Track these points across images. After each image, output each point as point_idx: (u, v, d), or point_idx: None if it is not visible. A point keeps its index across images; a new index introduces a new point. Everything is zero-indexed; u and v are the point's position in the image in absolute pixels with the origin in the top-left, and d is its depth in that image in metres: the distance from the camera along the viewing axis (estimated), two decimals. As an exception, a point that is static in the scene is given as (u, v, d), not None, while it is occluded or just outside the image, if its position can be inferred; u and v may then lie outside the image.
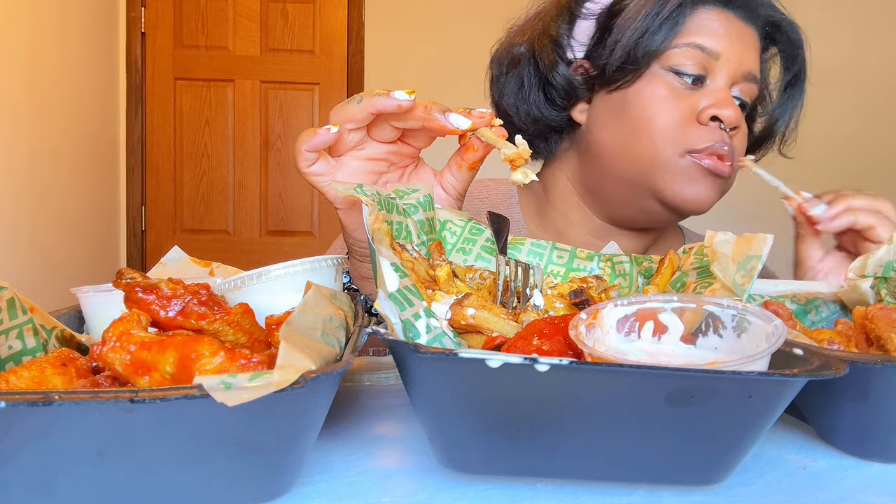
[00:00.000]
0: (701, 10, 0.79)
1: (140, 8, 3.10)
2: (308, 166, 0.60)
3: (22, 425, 0.30)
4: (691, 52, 0.77)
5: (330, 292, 0.44)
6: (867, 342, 0.50)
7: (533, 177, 0.55)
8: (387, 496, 0.37)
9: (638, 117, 0.78)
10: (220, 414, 0.30)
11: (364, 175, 0.63)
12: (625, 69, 0.79)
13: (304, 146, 0.59)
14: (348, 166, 0.62)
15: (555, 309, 0.52)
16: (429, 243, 0.60)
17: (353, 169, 0.62)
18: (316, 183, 0.62)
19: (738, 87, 0.80)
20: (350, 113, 0.58)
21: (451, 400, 0.36)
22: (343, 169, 0.62)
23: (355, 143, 0.61)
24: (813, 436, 0.47)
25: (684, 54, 0.77)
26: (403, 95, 0.55)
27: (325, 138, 0.58)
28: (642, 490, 0.38)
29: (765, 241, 0.50)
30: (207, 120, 3.18)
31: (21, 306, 0.48)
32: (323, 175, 0.61)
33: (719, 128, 0.76)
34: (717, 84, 0.78)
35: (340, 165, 0.62)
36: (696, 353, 0.42)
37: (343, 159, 0.62)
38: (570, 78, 0.83)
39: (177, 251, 0.71)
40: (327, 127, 0.58)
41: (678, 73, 0.78)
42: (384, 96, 0.56)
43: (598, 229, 0.89)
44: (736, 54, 0.78)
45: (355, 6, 3.14)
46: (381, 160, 0.63)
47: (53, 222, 2.57)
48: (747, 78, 0.80)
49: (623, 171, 0.81)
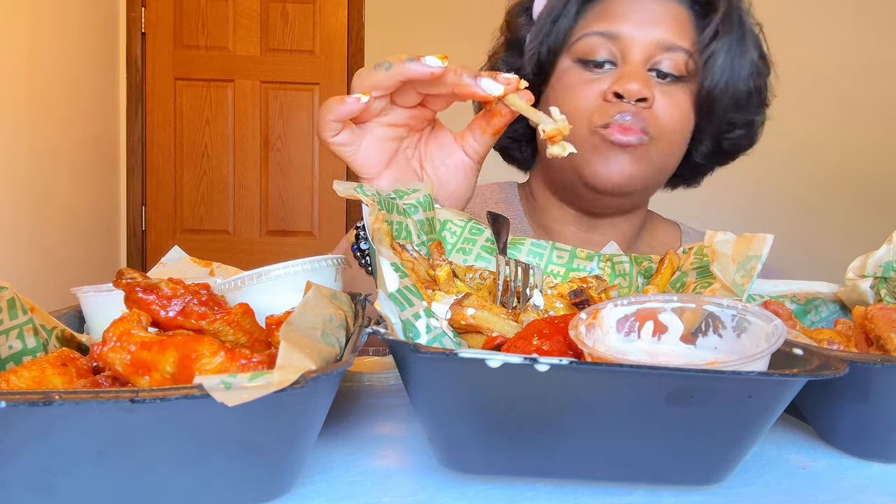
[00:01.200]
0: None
1: (140, 8, 3.09)
2: (333, 136, 0.58)
3: (22, 425, 0.30)
4: (594, 41, 0.81)
5: (330, 292, 0.44)
6: (867, 342, 0.50)
7: (571, 149, 0.55)
8: (387, 496, 0.37)
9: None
10: (220, 414, 0.30)
11: (388, 141, 0.61)
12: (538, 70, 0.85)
13: (331, 115, 0.56)
14: (372, 133, 0.61)
15: (555, 309, 0.52)
16: (429, 243, 0.60)
17: (377, 136, 0.61)
18: (341, 153, 0.60)
19: (657, 57, 0.81)
20: (378, 79, 0.55)
21: (451, 400, 0.36)
22: (367, 136, 0.60)
23: (380, 111, 0.59)
24: (813, 436, 0.47)
25: (588, 44, 0.81)
26: (436, 62, 0.54)
27: (355, 107, 0.55)
28: (642, 490, 0.38)
29: (765, 241, 0.50)
30: (207, 120, 3.18)
31: (21, 306, 0.48)
32: (348, 145, 0.59)
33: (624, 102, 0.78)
34: (629, 63, 0.81)
35: (364, 133, 0.60)
36: (696, 353, 0.42)
37: (368, 126, 0.60)
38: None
39: (177, 251, 0.71)
40: (356, 96, 0.55)
41: (585, 63, 0.82)
42: (416, 62, 0.54)
43: (578, 221, 0.93)
44: (642, 28, 0.80)
45: (355, 6, 3.14)
46: (402, 125, 0.62)
47: (53, 222, 2.57)
48: (667, 48, 0.80)
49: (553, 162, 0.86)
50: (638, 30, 0.80)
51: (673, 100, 0.82)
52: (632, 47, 0.80)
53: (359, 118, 0.60)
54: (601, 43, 0.81)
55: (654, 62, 0.81)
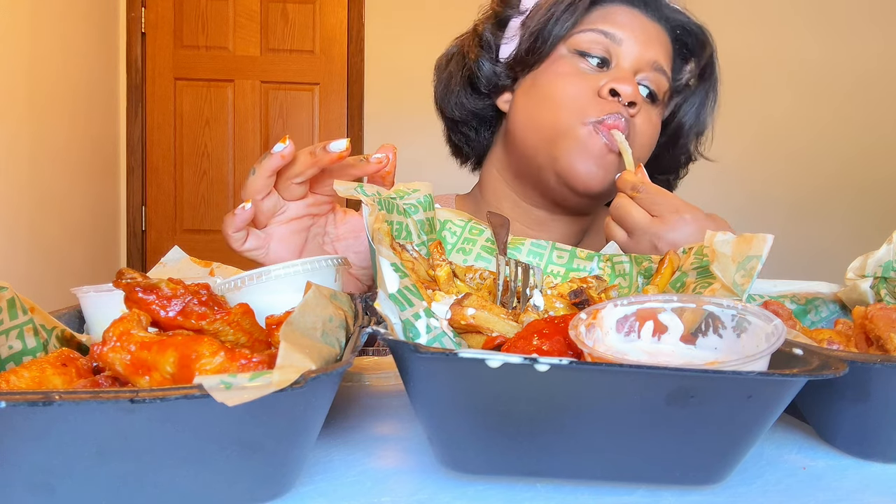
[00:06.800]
0: (607, 4, 0.85)
1: (140, 8, 3.10)
2: (241, 245, 0.64)
3: (22, 425, 0.30)
4: (595, 37, 0.83)
5: (330, 292, 0.44)
6: (867, 342, 0.50)
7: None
8: (387, 496, 0.37)
9: (544, 92, 0.84)
10: (220, 414, 0.30)
11: (293, 235, 0.66)
12: (534, 50, 0.85)
13: (229, 229, 0.63)
14: (276, 233, 0.66)
15: (555, 309, 0.52)
16: (429, 243, 0.60)
17: (281, 234, 0.66)
18: (254, 258, 0.65)
19: (644, 74, 0.84)
20: (254, 185, 0.62)
21: (451, 400, 0.36)
22: (273, 237, 0.65)
23: (274, 210, 0.64)
24: (813, 436, 0.47)
25: (589, 38, 0.83)
26: (279, 146, 0.59)
27: (244, 216, 0.62)
28: (642, 490, 0.38)
29: (764, 241, 0.50)
30: (207, 120, 3.18)
31: (21, 306, 0.48)
32: (258, 249, 0.65)
33: (618, 102, 0.80)
34: (621, 67, 0.83)
35: (270, 235, 0.65)
36: (696, 353, 0.42)
37: (270, 228, 0.65)
38: (494, 68, 0.90)
39: (177, 251, 0.71)
40: (242, 205, 0.62)
41: (583, 55, 0.83)
42: (268, 156, 0.60)
43: (527, 218, 0.93)
44: (639, 42, 0.84)
45: (355, 6, 3.14)
46: (304, 217, 0.67)
47: (53, 222, 2.57)
48: (654, 67, 0.85)
49: (529, 142, 0.86)
50: (636, 42, 0.84)
51: (649, 118, 0.86)
52: (627, 55, 0.83)
53: (259, 223, 0.65)
54: (601, 41, 0.83)
55: (642, 77, 0.85)
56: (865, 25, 3.21)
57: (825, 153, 3.24)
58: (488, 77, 0.90)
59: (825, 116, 3.22)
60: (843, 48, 3.20)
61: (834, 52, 3.20)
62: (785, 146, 3.20)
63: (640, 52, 0.83)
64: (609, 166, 0.81)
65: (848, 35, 3.20)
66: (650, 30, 0.85)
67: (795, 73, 3.18)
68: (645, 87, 0.85)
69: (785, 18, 3.17)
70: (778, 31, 3.17)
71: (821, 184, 3.23)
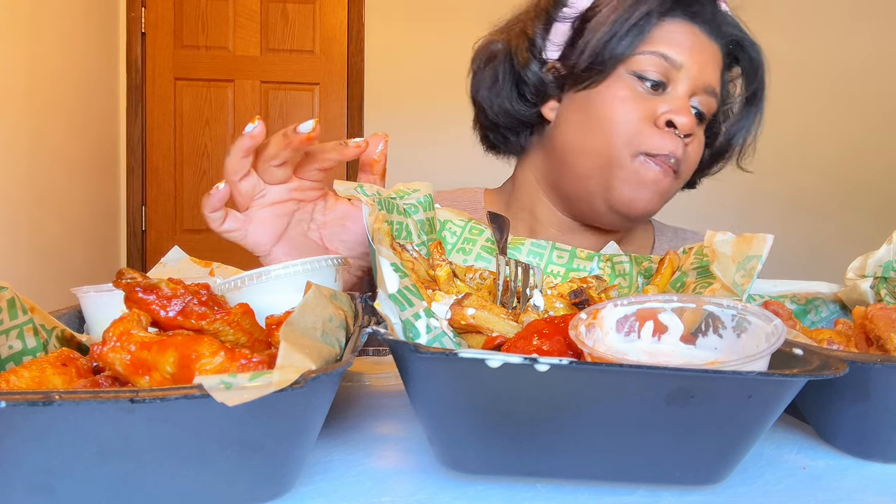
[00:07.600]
0: (668, 21, 0.82)
1: (140, 8, 3.09)
2: (219, 225, 0.64)
3: (22, 425, 0.30)
4: (655, 60, 0.81)
5: (330, 292, 0.44)
6: (867, 342, 0.50)
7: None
8: (387, 496, 0.37)
9: (598, 115, 0.82)
10: (220, 414, 0.30)
11: (274, 219, 0.66)
12: (591, 69, 0.82)
13: (206, 210, 0.63)
14: (256, 216, 0.65)
15: (555, 309, 0.52)
16: (429, 243, 0.60)
17: (261, 217, 0.65)
18: (232, 239, 0.65)
19: (698, 98, 0.83)
20: (229, 166, 0.62)
21: (451, 400, 0.36)
22: (253, 220, 0.65)
23: (253, 192, 0.64)
24: (813, 436, 0.47)
25: (648, 61, 0.81)
26: (249, 126, 0.59)
27: (218, 196, 0.62)
28: (642, 490, 0.38)
29: (765, 241, 0.50)
30: (207, 120, 3.18)
31: (21, 306, 0.48)
32: (236, 231, 0.65)
33: (674, 134, 0.79)
34: (677, 92, 0.82)
35: (250, 218, 0.65)
36: (696, 353, 0.42)
37: (251, 211, 0.65)
38: (541, 76, 0.87)
39: (177, 251, 0.71)
40: (216, 185, 0.62)
41: (641, 78, 0.81)
42: (241, 137, 0.60)
43: (562, 224, 0.92)
44: (697, 66, 0.82)
45: (355, 6, 3.14)
46: (287, 201, 0.66)
47: (53, 222, 2.57)
48: (707, 91, 0.83)
49: (580, 168, 0.84)
50: (693, 65, 0.81)
51: (699, 140, 0.85)
52: (684, 79, 0.81)
53: (239, 206, 0.65)
54: (660, 64, 0.81)
55: (695, 100, 0.83)
56: (854, 21, 3.21)
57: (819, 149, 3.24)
58: (536, 85, 0.87)
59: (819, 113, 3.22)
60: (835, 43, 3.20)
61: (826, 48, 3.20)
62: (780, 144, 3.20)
63: (696, 76, 0.82)
64: (664, 190, 0.81)
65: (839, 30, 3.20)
66: (707, 51, 0.83)
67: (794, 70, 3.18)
68: (695, 107, 0.83)
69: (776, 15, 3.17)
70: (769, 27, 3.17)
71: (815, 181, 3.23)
